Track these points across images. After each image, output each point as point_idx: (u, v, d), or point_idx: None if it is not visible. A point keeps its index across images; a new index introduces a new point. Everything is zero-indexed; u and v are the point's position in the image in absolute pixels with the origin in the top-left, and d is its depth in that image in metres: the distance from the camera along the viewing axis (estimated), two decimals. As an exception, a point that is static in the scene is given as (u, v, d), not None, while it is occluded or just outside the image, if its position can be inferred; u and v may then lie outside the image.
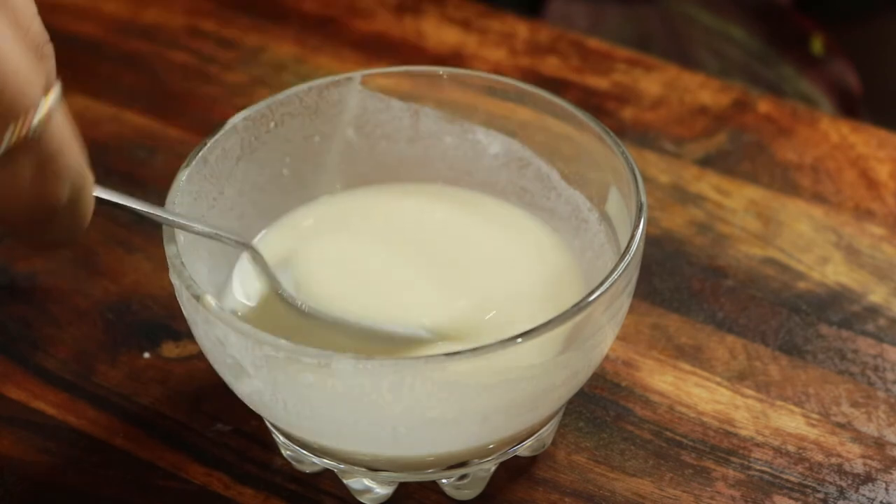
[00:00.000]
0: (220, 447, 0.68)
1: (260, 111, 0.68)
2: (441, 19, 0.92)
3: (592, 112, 0.70)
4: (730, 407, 0.69)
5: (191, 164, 0.65)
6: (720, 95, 0.86)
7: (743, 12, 1.14)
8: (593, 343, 0.61)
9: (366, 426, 0.59)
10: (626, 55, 0.89)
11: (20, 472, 0.67)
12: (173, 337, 0.72)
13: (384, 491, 0.65)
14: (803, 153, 0.82)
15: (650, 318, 0.73)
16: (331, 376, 0.57)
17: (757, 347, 0.72)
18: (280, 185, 0.70)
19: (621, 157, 0.65)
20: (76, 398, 0.70)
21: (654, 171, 0.81)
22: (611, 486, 0.66)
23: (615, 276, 0.60)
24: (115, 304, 0.74)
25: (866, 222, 0.78)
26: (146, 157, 0.83)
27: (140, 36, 0.91)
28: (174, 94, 0.87)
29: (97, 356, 0.72)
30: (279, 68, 0.89)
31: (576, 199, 0.69)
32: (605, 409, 0.69)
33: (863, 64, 1.11)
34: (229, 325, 0.59)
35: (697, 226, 0.78)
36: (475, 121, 0.70)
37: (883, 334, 0.72)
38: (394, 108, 0.70)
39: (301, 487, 0.66)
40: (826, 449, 0.68)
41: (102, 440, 0.68)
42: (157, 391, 0.70)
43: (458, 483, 0.65)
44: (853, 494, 0.66)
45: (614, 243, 0.66)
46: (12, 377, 0.71)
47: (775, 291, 0.75)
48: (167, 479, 0.67)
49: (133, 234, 0.78)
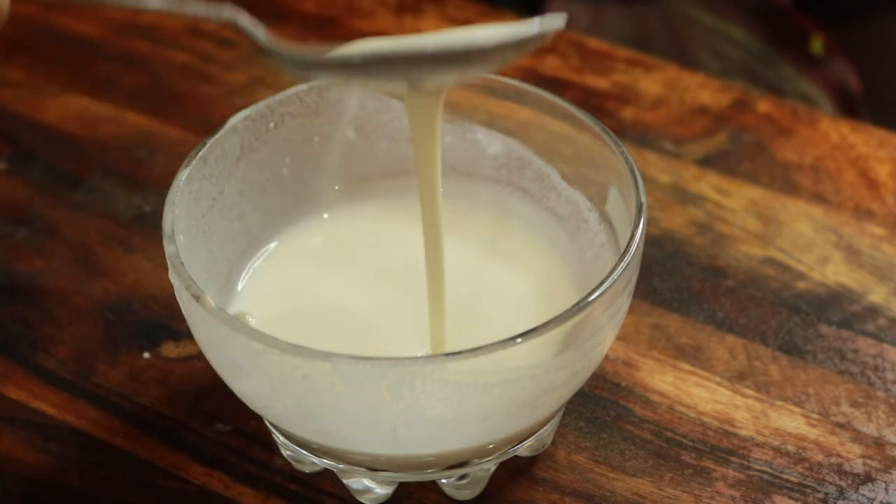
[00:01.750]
0: (220, 447, 0.68)
1: (260, 111, 0.68)
2: (441, 19, 0.92)
3: (592, 112, 0.70)
4: (730, 407, 0.69)
5: (191, 164, 0.65)
6: (720, 95, 0.86)
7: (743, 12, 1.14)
8: (593, 343, 0.61)
9: (366, 426, 0.59)
10: (626, 55, 0.89)
11: (20, 472, 0.67)
12: (173, 337, 0.72)
13: (384, 491, 0.65)
14: (803, 153, 0.82)
15: (650, 318, 0.73)
16: (331, 376, 0.57)
17: (757, 347, 0.72)
18: (280, 185, 0.70)
19: (621, 157, 0.65)
20: (76, 398, 0.70)
21: (654, 171, 0.81)
22: (611, 486, 0.66)
23: (615, 276, 0.60)
24: (115, 304, 0.74)
25: (866, 222, 0.78)
26: (146, 157, 0.83)
27: (140, 36, 0.91)
28: (174, 94, 0.87)
29: (97, 356, 0.72)
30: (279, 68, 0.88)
31: (576, 199, 0.69)
32: (605, 409, 0.69)
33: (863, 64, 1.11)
34: (229, 325, 0.59)
35: (697, 226, 0.78)
36: (475, 121, 0.70)
37: (883, 334, 0.72)
38: (394, 108, 0.70)
39: (301, 487, 0.66)
40: (826, 449, 0.68)
41: (102, 440, 0.68)
42: (157, 391, 0.70)
43: (458, 483, 0.65)
44: (853, 494, 0.66)
45: (614, 243, 0.66)
46: (12, 377, 0.71)
47: (775, 291, 0.75)
48: (167, 479, 0.67)
49: (133, 233, 0.78)
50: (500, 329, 0.60)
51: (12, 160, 0.83)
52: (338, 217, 0.71)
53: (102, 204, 0.80)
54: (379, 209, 0.71)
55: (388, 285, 0.68)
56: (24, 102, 0.86)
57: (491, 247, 0.69)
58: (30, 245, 0.78)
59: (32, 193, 0.81)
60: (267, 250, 0.70)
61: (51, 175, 0.82)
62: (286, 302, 0.68)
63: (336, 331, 0.66)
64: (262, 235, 0.70)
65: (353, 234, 0.71)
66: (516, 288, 0.68)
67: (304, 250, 0.70)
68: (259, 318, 0.66)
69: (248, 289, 0.68)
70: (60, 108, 0.86)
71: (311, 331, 0.65)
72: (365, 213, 0.71)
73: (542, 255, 0.69)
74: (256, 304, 0.67)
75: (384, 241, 0.70)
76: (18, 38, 0.91)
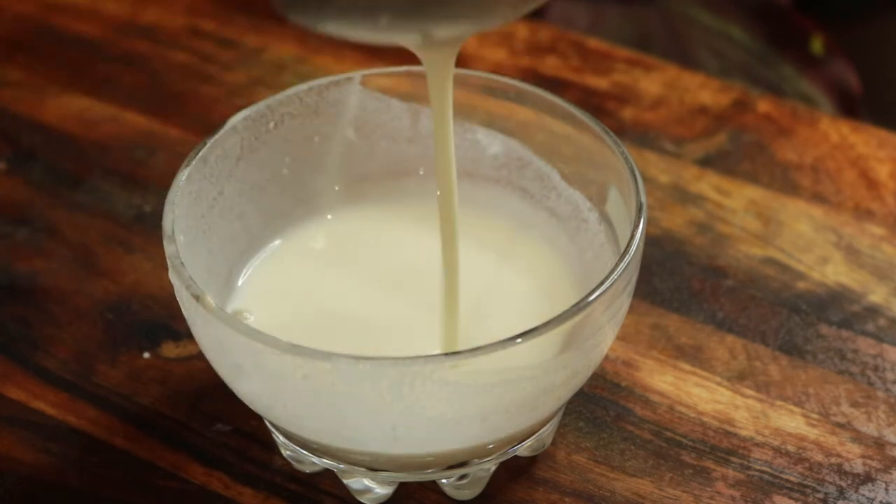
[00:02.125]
0: (220, 447, 0.68)
1: (260, 111, 0.68)
2: (441, 19, 0.92)
3: (592, 112, 0.70)
4: (730, 407, 0.69)
5: (191, 164, 0.65)
6: (720, 95, 0.86)
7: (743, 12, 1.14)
8: (593, 343, 0.61)
9: (366, 426, 0.59)
10: (626, 55, 0.89)
11: (20, 472, 0.67)
12: (173, 337, 0.72)
13: (384, 491, 0.65)
14: (803, 153, 0.82)
15: (650, 318, 0.73)
16: (331, 376, 0.57)
17: (757, 347, 0.72)
18: (280, 185, 0.70)
19: (621, 157, 0.65)
20: (76, 398, 0.70)
21: (654, 171, 0.81)
22: (611, 486, 0.66)
23: (615, 276, 0.60)
24: (115, 304, 0.74)
25: (866, 222, 0.78)
26: (146, 157, 0.83)
27: (140, 36, 0.91)
28: (174, 94, 0.87)
29: (97, 356, 0.72)
30: (279, 68, 0.89)
31: (576, 199, 0.69)
32: (605, 409, 0.69)
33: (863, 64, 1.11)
34: (229, 325, 0.59)
35: (697, 226, 0.78)
36: (475, 121, 0.70)
37: (883, 334, 0.72)
38: (394, 108, 0.70)
39: (301, 487, 0.66)
40: (826, 449, 0.68)
41: (102, 440, 0.68)
42: (157, 391, 0.70)
43: (458, 483, 0.65)
44: (853, 494, 0.66)
45: (614, 243, 0.66)
46: (12, 377, 0.71)
47: (775, 291, 0.75)
48: (167, 479, 0.67)
49: (133, 233, 0.78)
50: (499, 329, 0.60)
51: (12, 160, 0.83)
52: (340, 218, 0.71)
53: (102, 204, 0.80)
54: (380, 211, 0.71)
55: (390, 286, 0.68)
56: (24, 102, 0.86)
57: (491, 247, 0.69)
58: (30, 245, 0.78)
59: (32, 193, 0.81)
60: (268, 249, 0.70)
61: (51, 175, 0.82)
62: (286, 300, 0.68)
63: (336, 329, 0.66)
64: (262, 235, 0.70)
65: (355, 235, 0.71)
66: (516, 288, 0.68)
67: (305, 250, 0.70)
68: (258, 317, 0.66)
69: (247, 286, 0.68)
70: (60, 108, 0.86)
71: (310, 329, 0.65)
72: (367, 213, 0.71)
73: (542, 255, 0.69)
74: (256, 302, 0.67)
75: (384, 241, 0.70)
76: (18, 38, 0.91)
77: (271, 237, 0.70)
